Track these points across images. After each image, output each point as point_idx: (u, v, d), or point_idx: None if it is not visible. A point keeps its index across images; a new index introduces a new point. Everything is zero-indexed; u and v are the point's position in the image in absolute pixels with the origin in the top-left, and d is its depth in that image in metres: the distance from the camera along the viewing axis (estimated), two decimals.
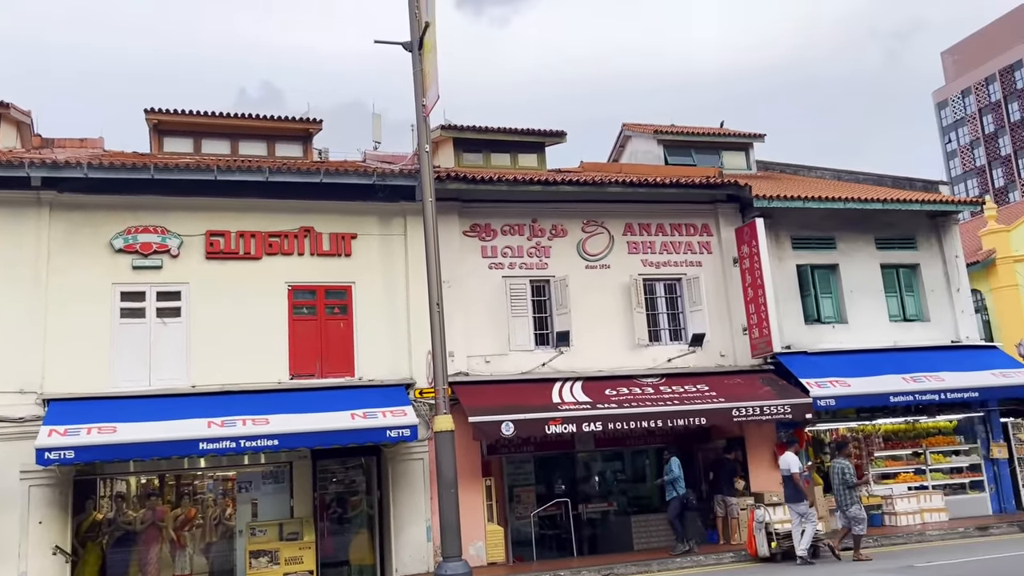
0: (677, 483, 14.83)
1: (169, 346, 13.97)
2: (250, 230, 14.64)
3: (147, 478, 15.52)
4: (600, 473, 17.91)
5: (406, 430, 13.43)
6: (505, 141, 19.13)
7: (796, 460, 13.89)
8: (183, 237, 14.28)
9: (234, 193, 14.50)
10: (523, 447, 16.23)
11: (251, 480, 15.46)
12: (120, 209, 14.07)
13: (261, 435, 12.80)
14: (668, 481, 14.88)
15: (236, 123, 17.39)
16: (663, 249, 17.09)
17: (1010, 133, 76.55)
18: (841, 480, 13.53)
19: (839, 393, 15.92)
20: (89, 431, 12.31)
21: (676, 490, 14.84)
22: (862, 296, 18.03)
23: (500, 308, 15.74)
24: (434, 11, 13.91)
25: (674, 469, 14.87)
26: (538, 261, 16.23)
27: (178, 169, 14.01)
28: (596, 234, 16.73)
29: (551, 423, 14.30)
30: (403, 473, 14.56)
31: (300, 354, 14.49)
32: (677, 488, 14.82)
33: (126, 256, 14.00)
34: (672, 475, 14.82)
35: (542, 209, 16.39)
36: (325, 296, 14.91)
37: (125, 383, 13.63)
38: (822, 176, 22.81)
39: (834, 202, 17.54)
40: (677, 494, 14.81)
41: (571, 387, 15.37)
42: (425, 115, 14.15)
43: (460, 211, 15.81)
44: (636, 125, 23.13)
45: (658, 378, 16.05)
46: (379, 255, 15.23)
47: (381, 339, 14.88)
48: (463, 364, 15.14)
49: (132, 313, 13.94)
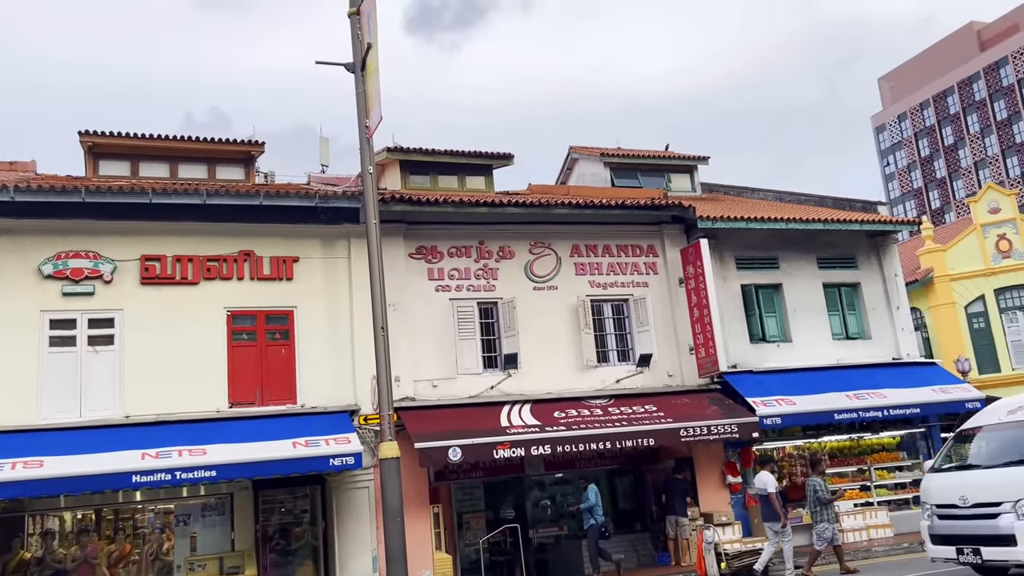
0: (594, 511, 14.88)
1: (101, 375, 13.46)
2: (187, 254, 14.24)
3: (83, 513, 14.88)
4: (551, 497, 17.72)
5: (350, 458, 13.10)
6: (452, 163, 19.02)
7: (772, 479, 13.91)
8: (117, 262, 13.82)
9: (171, 217, 14.10)
10: (472, 472, 16.00)
11: (190, 513, 14.90)
12: (50, 234, 13.57)
13: (198, 466, 12.36)
14: (584, 509, 14.96)
15: (175, 145, 16.99)
16: (610, 270, 17.12)
17: (944, 157, 79.23)
18: (814, 497, 13.54)
19: (785, 411, 16.04)
20: (14, 466, 11.74)
21: (594, 518, 14.88)
22: (805, 315, 18.27)
23: (447, 331, 15.55)
24: (376, 33, 13.78)
25: (591, 497, 14.94)
26: (486, 283, 16.10)
27: (111, 192, 13.58)
28: (543, 256, 16.68)
29: (499, 447, 14.10)
30: (348, 502, 14.19)
31: (240, 381, 14.08)
32: (595, 516, 14.86)
33: (56, 282, 13.48)
34: (588, 503, 14.92)
35: (489, 231, 16.29)
36: (266, 321, 14.54)
37: (54, 415, 13.07)
38: (765, 197, 23.17)
39: (776, 223, 17.79)
40: (595, 522, 14.86)
41: (520, 410, 15.21)
42: (368, 136, 13.95)
43: (406, 233, 15.62)
44: (583, 148, 23.26)
45: (606, 399, 15.98)
46: (322, 279, 14.94)
47: (324, 365, 14.55)
48: (409, 389, 14.88)
49: (62, 341, 13.40)
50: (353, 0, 13.51)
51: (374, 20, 13.66)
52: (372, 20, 13.63)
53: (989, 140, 74.79)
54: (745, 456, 16.84)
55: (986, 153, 74.90)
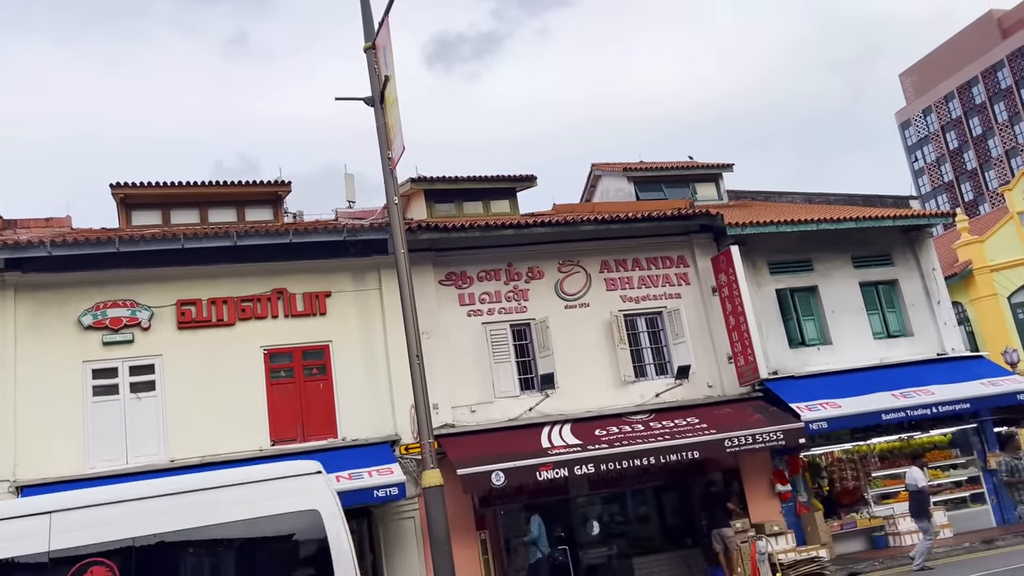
0: (539, 543, 14.28)
1: (145, 421, 13.63)
2: (222, 296, 14.44)
3: None
4: (598, 516, 17.52)
5: (394, 488, 13.09)
6: (476, 189, 19.11)
7: (922, 474, 13.82)
8: (153, 309, 14.05)
9: (203, 261, 14.32)
10: (516, 496, 15.86)
11: None
12: (87, 285, 13.85)
13: None
14: (527, 542, 14.32)
15: (204, 191, 17.28)
16: (641, 284, 17.01)
17: (974, 148, 78.00)
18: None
19: (830, 415, 15.73)
20: None
21: (539, 550, 14.37)
22: (844, 316, 17.97)
23: (482, 355, 15.53)
24: (393, 66, 13.94)
25: (533, 530, 14.35)
26: (517, 305, 16.08)
27: (144, 240, 13.84)
28: (573, 274, 16.64)
29: (542, 469, 13.97)
30: (395, 533, 14.15)
31: (280, 419, 14.18)
32: (540, 548, 14.32)
33: (96, 332, 13.72)
34: (532, 536, 14.33)
35: (517, 253, 16.31)
36: (302, 357, 14.65)
37: (101, 463, 13.24)
38: (793, 200, 22.93)
39: (807, 224, 17.58)
40: (542, 555, 14.34)
41: (560, 430, 15.10)
42: (392, 167, 14.07)
43: (434, 260, 15.69)
44: (605, 164, 23.26)
45: (647, 414, 15.81)
46: (355, 311, 15.04)
47: (362, 397, 14.60)
48: (448, 415, 14.86)
49: (105, 390, 13.61)
50: (368, 35, 13.69)
51: (390, 53, 13.83)
52: (388, 53, 13.80)
53: (1019, 127, 73.52)
54: (793, 463, 16.51)
55: (1016, 141, 73.60)
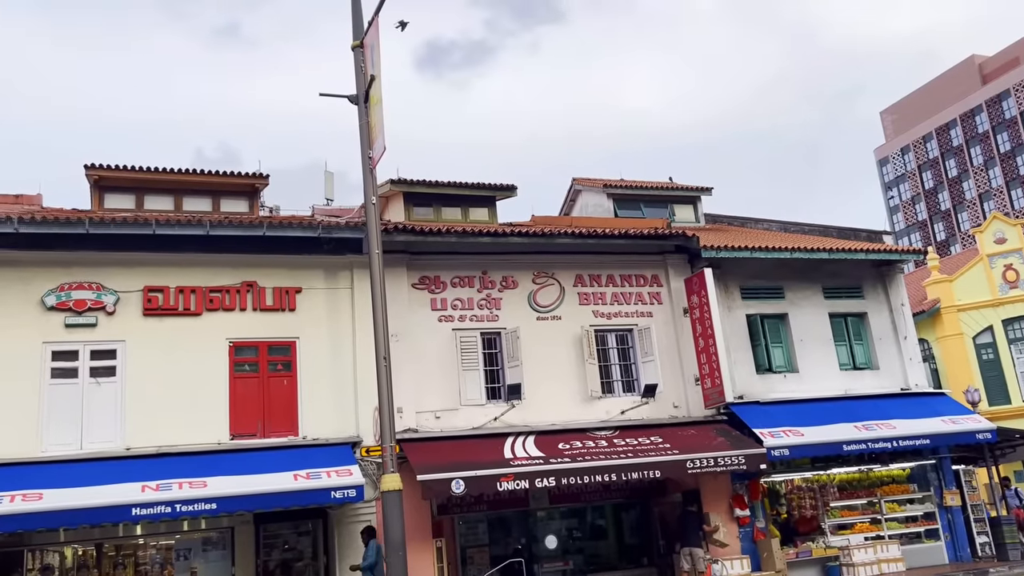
0: (375, 570, 13.03)
1: (103, 407, 13.38)
2: (190, 285, 14.24)
3: (83, 549, 14.69)
4: (556, 531, 17.47)
5: (352, 490, 12.94)
6: (456, 195, 19.09)
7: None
8: (120, 293, 13.82)
9: (174, 248, 14.13)
10: (476, 505, 15.78)
11: (191, 547, 14.72)
12: (53, 265, 13.59)
13: (198, 499, 12.21)
14: (364, 567, 13.04)
15: (180, 179, 17.07)
16: (614, 300, 17.04)
17: (948, 189, 79.36)
18: None
19: (792, 443, 15.82)
20: (12, 499, 11.61)
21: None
22: (812, 345, 18.12)
23: (450, 362, 15.45)
24: (380, 66, 13.90)
25: (371, 555, 13.08)
26: (489, 313, 16.03)
27: (115, 224, 13.63)
28: (547, 286, 16.63)
29: (503, 480, 13.90)
30: (351, 535, 13.99)
31: (241, 413, 13.99)
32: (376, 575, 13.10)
33: (59, 314, 13.47)
34: (368, 561, 13.03)
35: (492, 261, 16.27)
36: (268, 352, 14.48)
37: (55, 447, 12.98)
38: (769, 228, 23.14)
39: (781, 252, 17.73)
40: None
41: (524, 442, 15.04)
42: (372, 166, 14.01)
43: (409, 263, 15.61)
44: (586, 180, 23.33)
45: (612, 431, 15.81)
46: (325, 309, 14.90)
47: (326, 396, 14.45)
48: (412, 420, 14.75)
49: (64, 373, 13.35)
50: (356, 33, 13.64)
51: (377, 53, 13.79)
52: (375, 53, 13.77)
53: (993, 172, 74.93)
54: (753, 488, 16.58)
55: (990, 185, 75.01)
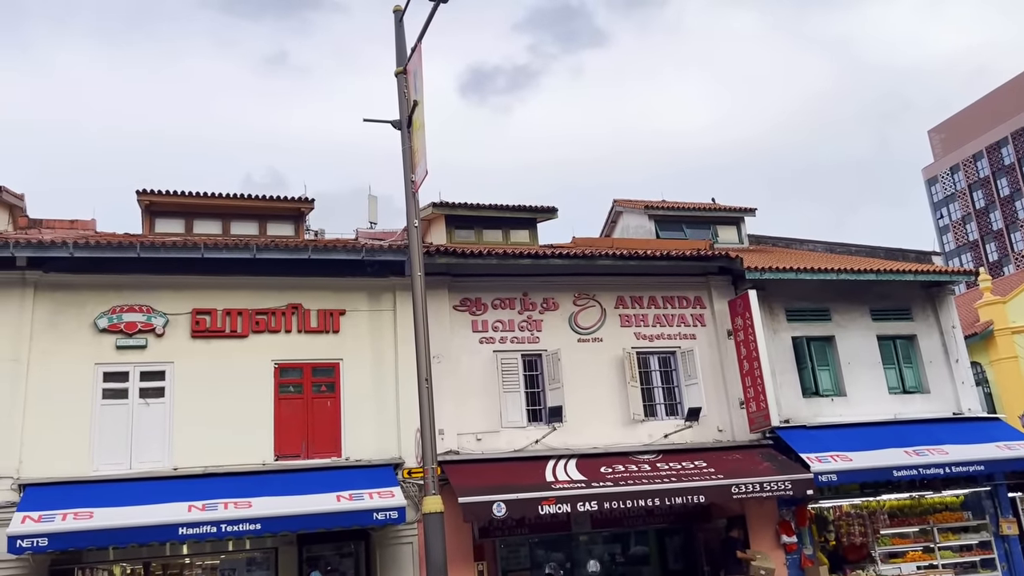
0: None
1: (152, 427, 13.64)
2: (237, 308, 14.50)
3: (132, 568, 14.92)
4: (599, 555, 17.27)
5: (394, 512, 12.98)
6: (497, 217, 19.21)
7: None
8: (169, 316, 14.12)
9: (222, 271, 14.41)
10: (517, 529, 15.67)
11: (235, 567, 14.86)
12: (105, 289, 13.95)
13: (243, 519, 12.36)
14: None
15: (228, 203, 17.45)
16: (656, 322, 16.93)
17: (1000, 208, 77.50)
18: None
19: (841, 468, 15.48)
20: (65, 517, 11.87)
21: None
22: (860, 368, 17.76)
23: (491, 383, 15.47)
24: (422, 91, 14.10)
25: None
26: (529, 335, 16.04)
27: (164, 247, 13.96)
28: (588, 307, 16.58)
29: (544, 503, 13.82)
30: (392, 558, 14.01)
31: (286, 434, 14.15)
32: None
33: (110, 336, 13.81)
34: None
35: (533, 283, 16.30)
36: (312, 374, 14.65)
37: (105, 466, 13.25)
38: (814, 249, 22.83)
39: (827, 273, 17.46)
40: None
41: (565, 465, 14.95)
42: (414, 190, 14.17)
43: (450, 286, 15.71)
44: (627, 201, 23.29)
45: (655, 454, 15.64)
46: (368, 331, 15.05)
47: (369, 417, 14.55)
48: (453, 442, 14.77)
49: (114, 394, 13.66)
50: (400, 60, 13.86)
51: (420, 79, 14.00)
52: (419, 79, 13.97)
53: None
54: (800, 514, 16.24)
55: None
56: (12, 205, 17.10)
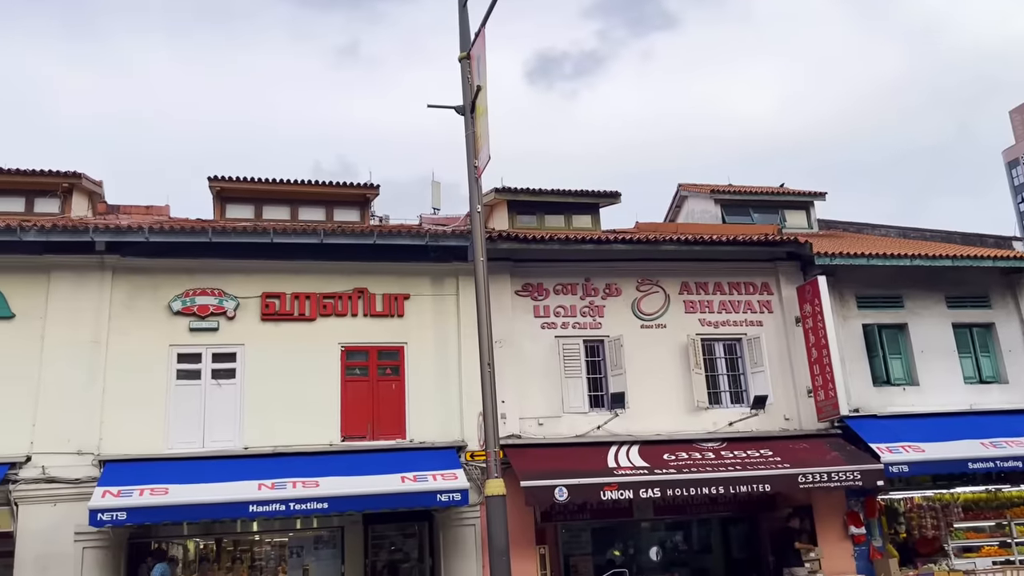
0: None
1: (223, 408, 14.04)
2: (305, 292, 14.79)
3: (205, 543, 15.45)
4: (661, 542, 17.20)
5: (457, 494, 13.12)
6: (559, 203, 19.11)
7: None
8: (240, 299, 14.49)
9: (290, 256, 14.72)
10: (579, 514, 15.69)
11: (303, 545, 15.27)
12: (179, 272, 14.39)
13: (311, 498, 12.65)
14: None
15: (295, 189, 17.77)
16: (721, 308, 16.66)
17: None
18: None
19: (912, 459, 15.04)
20: (142, 492, 12.33)
21: None
22: (934, 357, 17.19)
23: (553, 369, 15.46)
24: (486, 76, 14.10)
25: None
26: (592, 320, 15.97)
27: (235, 232, 14.30)
28: (651, 293, 16.42)
29: (606, 489, 13.79)
30: (455, 539, 14.18)
31: (352, 415, 14.41)
32: None
33: (184, 318, 14.24)
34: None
35: (595, 268, 16.21)
36: (378, 357, 14.88)
37: (180, 445, 13.70)
38: (887, 234, 22.15)
39: (900, 259, 16.92)
40: None
41: (627, 451, 14.89)
42: (477, 176, 14.21)
43: (512, 271, 15.74)
44: (692, 185, 22.94)
45: (719, 442, 15.44)
46: (431, 315, 15.20)
47: (433, 400, 14.72)
48: (515, 426, 14.84)
49: (188, 375, 14.10)
50: (463, 45, 13.88)
51: (483, 64, 14.00)
52: (482, 64, 13.97)
53: None
54: (869, 505, 15.85)
55: None
56: (91, 192, 17.73)
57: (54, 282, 13.87)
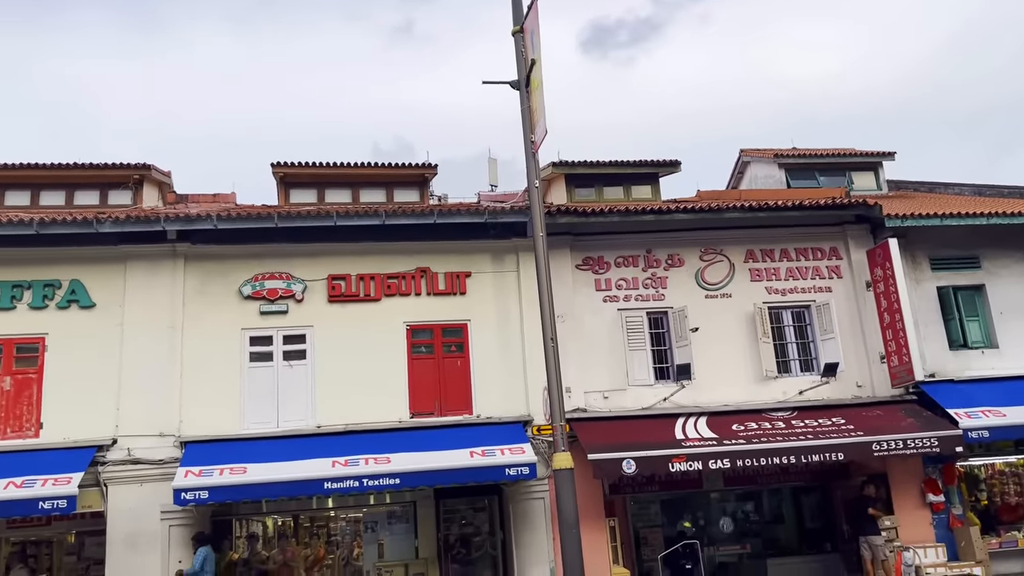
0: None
1: (295, 388, 14.40)
2: (369, 272, 15.02)
3: (282, 519, 15.96)
4: (731, 514, 17.09)
5: (525, 468, 13.24)
6: (617, 174, 18.94)
7: None
8: (307, 282, 14.80)
9: (353, 238, 14.94)
10: (647, 486, 15.71)
11: (377, 520, 15.63)
12: (248, 258, 14.74)
13: (383, 474, 12.92)
14: (190, 574, 12.69)
15: (356, 172, 18.01)
16: (789, 275, 16.32)
17: None
18: None
19: (993, 424, 14.57)
20: (221, 472, 12.77)
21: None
22: (1014, 318, 16.55)
23: (617, 342, 15.41)
24: (540, 49, 14.00)
25: (196, 564, 12.72)
26: (654, 292, 15.83)
27: (300, 217, 14.58)
28: (715, 262, 16.18)
29: (675, 460, 13.74)
30: (524, 513, 14.33)
31: (419, 392, 14.63)
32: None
33: (254, 302, 14.61)
34: (192, 569, 12.70)
35: (657, 239, 16.03)
36: (442, 334, 15.05)
37: (255, 425, 14.12)
38: (961, 192, 21.33)
39: (976, 218, 16.29)
40: None
41: (695, 422, 14.78)
42: (534, 150, 14.16)
43: (572, 245, 15.68)
44: (755, 150, 22.43)
45: (789, 411, 15.21)
46: (493, 292, 15.28)
47: (497, 376, 14.84)
48: (580, 400, 14.86)
49: (260, 357, 14.48)
50: (516, 19, 13.79)
51: (537, 37, 13.89)
52: (535, 37, 13.87)
53: None
54: (948, 473, 15.44)
55: None
56: (161, 182, 18.27)
57: (130, 271, 14.37)
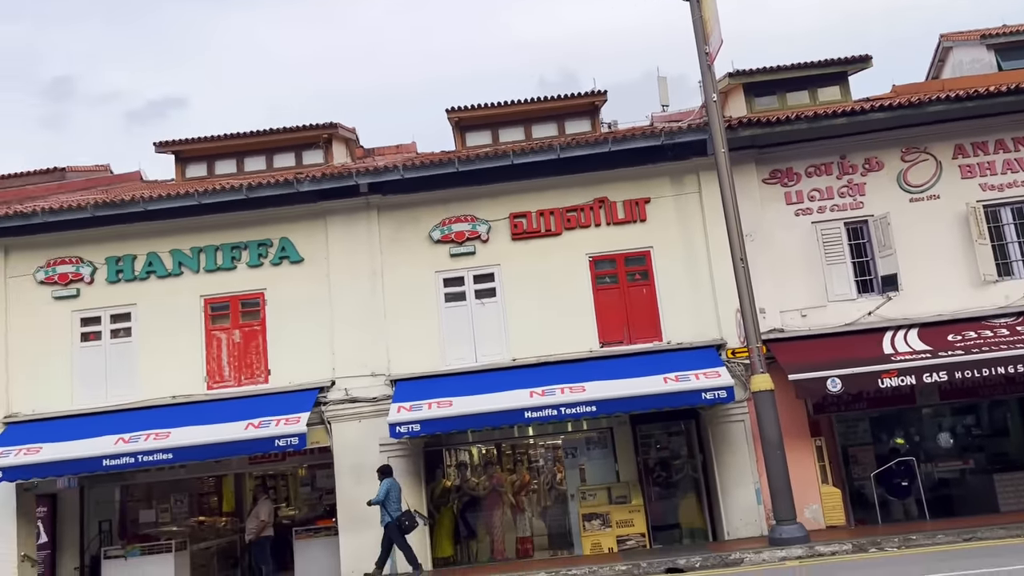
0: (387, 506, 13.10)
1: (488, 324, 14.94)
2: (548, 208, 15.16)
3: (486, 448, 16.83)
4: (950, 428, 16.05)
5: (722, 392, 13.07)
6: (801, 77, 17.73)
7: None
8: (490, 222, 15.18)
9: (530, 175, 15.09)
10: (854, 404, 15.00)
11: (576, 447, 16.09)
12: (434, 204, 15.31)
13: (579, 402, 13.23)
14: (375, 503, 13.25)
15: (527, 108, 18.10)
16: (1006, 168, 14.75)
17: None
18: None
19: None
20: (430, 406, 13.59)
21: (388, 514, 13.10)
22: None
23: (812, 257, 14.66)
24: None
25: (380, 493, 13.25)
26: (852, 201, 14.84)
27: (478, 159, 14.90)
28: (919, 162, 14.89)
29: (885, 376, 13.03)
30: (724, 436, 14.21)
31: (607, 322, 14.73)
32: (389, 511, 13.09)
33: (444, 246, 15.21)
34: (378, 498, 13.22)
35: (851, 143, 14.96)
36: (625, 263, 14.98)
37: (455, 361, 14.85)
38: None
39: None
40: (390, 519, 13.08)
41: (904, 335, 13.90)
42: (709, 63, 13.62)
43: (757, 158, 14.97)
44: (957, 34, 20.20)
45: (1013, 317, 13.93)
46: (675, 216, 14.96)
47: (685, 301, 14.62)
48: (776, 320, 14.36)
49: (454, 297, 15.13)
50: None
51: None
52: None
53: None
54: None
55: None
56: (347, 139, 19.27)
57: (330, 225, 15.36)
